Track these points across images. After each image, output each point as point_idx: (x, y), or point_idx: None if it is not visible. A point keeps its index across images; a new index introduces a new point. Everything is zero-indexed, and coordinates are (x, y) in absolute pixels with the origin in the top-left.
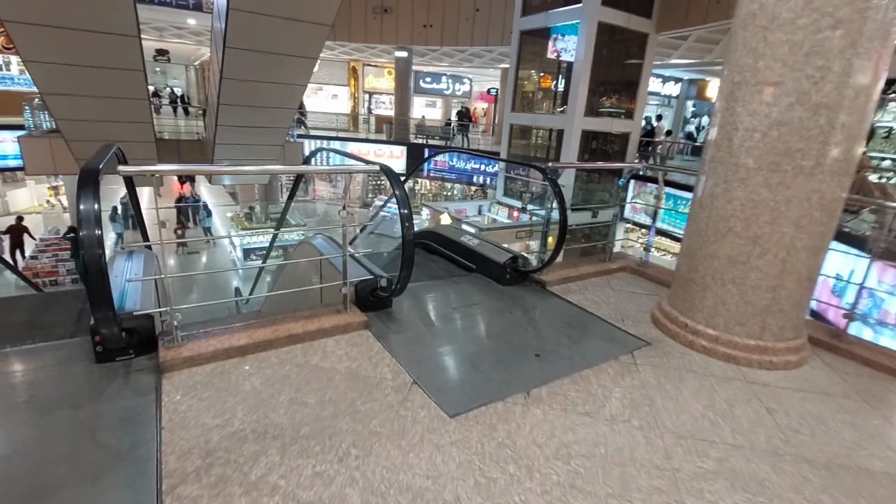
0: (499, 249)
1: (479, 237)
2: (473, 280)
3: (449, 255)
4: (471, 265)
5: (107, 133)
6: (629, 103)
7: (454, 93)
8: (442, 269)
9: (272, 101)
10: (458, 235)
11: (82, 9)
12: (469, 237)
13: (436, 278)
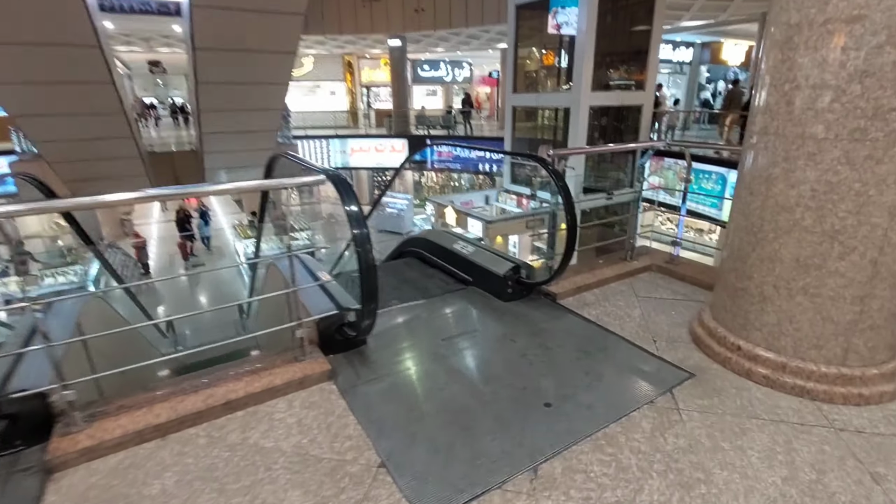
0: (497, 258)
1: (475, 244)
2: (469, 296)
3: (442, 265)
4: (467, 277)
5: (87, 152)
6: (639, 74)
7: (454, 79)
8: (434, 283)
9: (253, 102)
10: (451, 242)
11: (32, 20)
12: (463, 244)
13: (425, 296)
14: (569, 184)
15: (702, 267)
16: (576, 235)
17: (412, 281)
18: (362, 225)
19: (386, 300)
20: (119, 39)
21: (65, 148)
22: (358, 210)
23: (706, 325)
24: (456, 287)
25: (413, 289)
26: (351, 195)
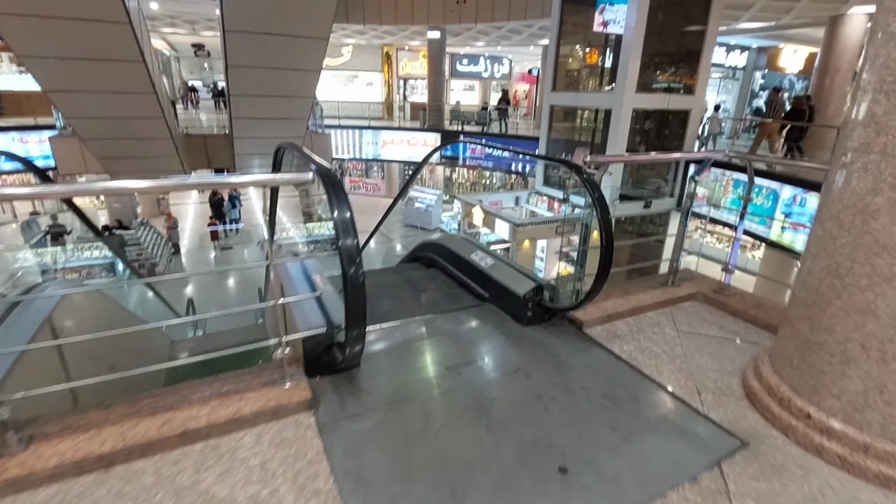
0: (519, 275)
1: (494, 256)
2: (483, 315)
3: (457, 275)
4: (482, 292)
5: (119, 130)
6: (689, 77)
7: (493, 75)
8: (446, 296)
9: (284, 89)
10: (468, 251)
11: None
12: (482, 255)
13: (434, 310)
14: (604, 190)
15: (757, 300)
16: (611, 257)
17: (424, 290)
18: (350, 234)
19: (390, 311)
20: (164, 21)
21: (96, 125)
22: (347, 217)
23: (764, 379)
24: (470, 303)
25: (423, 300)
26: (341, 198)
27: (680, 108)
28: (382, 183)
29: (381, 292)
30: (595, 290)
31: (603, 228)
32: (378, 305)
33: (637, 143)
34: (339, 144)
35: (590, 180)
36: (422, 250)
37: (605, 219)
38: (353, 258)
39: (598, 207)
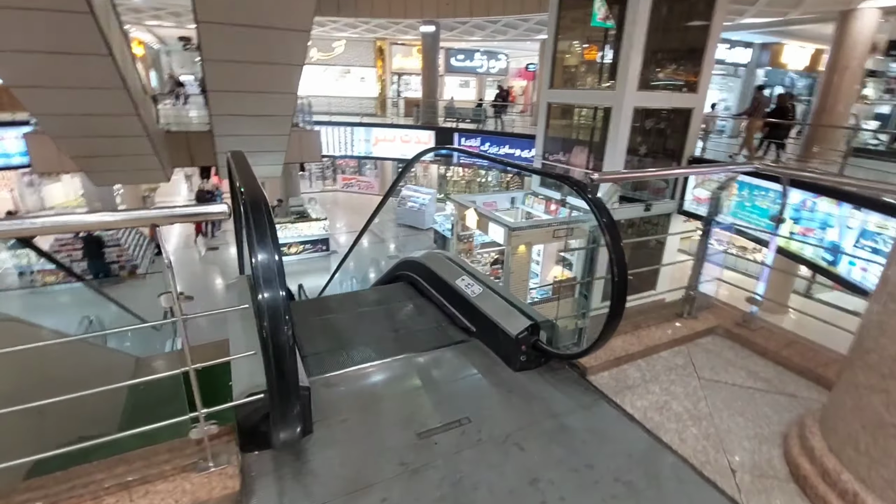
0: (512, 309)
1: (484, 282)
2: (469, 356)
3: (439, 301)
4: (469, 325)
5: (89, 128)
6: (692, 74)
7: (488, 70)
8: (425, 328)
9: (265, 84)
10: (453, 276)
11: None
12: (468, 281)
13: (410, 349)
14: (605, 190)
15: (789, 337)
16: (625, 294)
17: (399, 320)
18: (273, 284)
19: (359, 349)
20: (149, 13)
21: (65, 123)
22: (270, 260)
23: (817, 459)
24: (453, 338)
25: (397, 334)
26: (264, 234)
27: (682, 107)
28: (376, 181)
29: (351, 324)
30: (605, 335)
31: (614, 258)
32: (346, 340)
33: (638, 142)
34: (329, 141)
35: (597, 201)
36: (403, 268)
37: (617, 246)
38: (278, 318)
39: (608, 233)
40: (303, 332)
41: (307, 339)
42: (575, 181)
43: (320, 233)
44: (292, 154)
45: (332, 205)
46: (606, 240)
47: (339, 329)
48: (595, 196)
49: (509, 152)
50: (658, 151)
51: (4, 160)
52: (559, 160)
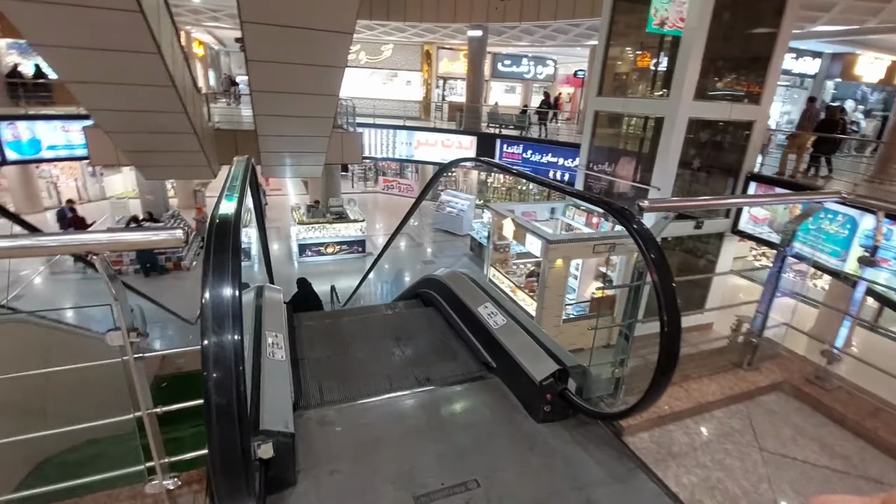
0: (538, 349)
1: (509, 312)
2: (485, 396)
3: (459, 326)
4: (489, 359)
5: (140, 123)
6: (755, 85)
7: (535, 76)
8: (440, 358)
9: (307, 86)
10: (475, 301)
11: None
12: (492, 309)
13: (420, 381)
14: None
15: (876, 404)
16: (677, 349)
17: (414, 345)
18: (225, 327)
19: (364, 379)
20: (207, 15)
21: (117, 118)
22: (222, 295)
23: None
24: (470, 372)
25: (409, 361)
26: (220, 265)
27: (743, 119)
28: (416, 184)
29: (362, 345)
30: (650, 397)
31: (663, 303)
32: (353, 365)
33: (691, 156)
34: (372, 143)
35: (643, 233)
36: (424, 286)
37: (668, 289)
38: (224, 371)
39: (657, 273)
40: (309, 351)
41: (312, 363)
42: (617, 209)
43: (357, 234)
44: (334, 155)
45: (372, 206)
46: (654, 280)
47: (348, 350)
48: (642, 227)
49: (552, 161)
50: (713, 166)
51: (69, 151)
52: (604, 171)
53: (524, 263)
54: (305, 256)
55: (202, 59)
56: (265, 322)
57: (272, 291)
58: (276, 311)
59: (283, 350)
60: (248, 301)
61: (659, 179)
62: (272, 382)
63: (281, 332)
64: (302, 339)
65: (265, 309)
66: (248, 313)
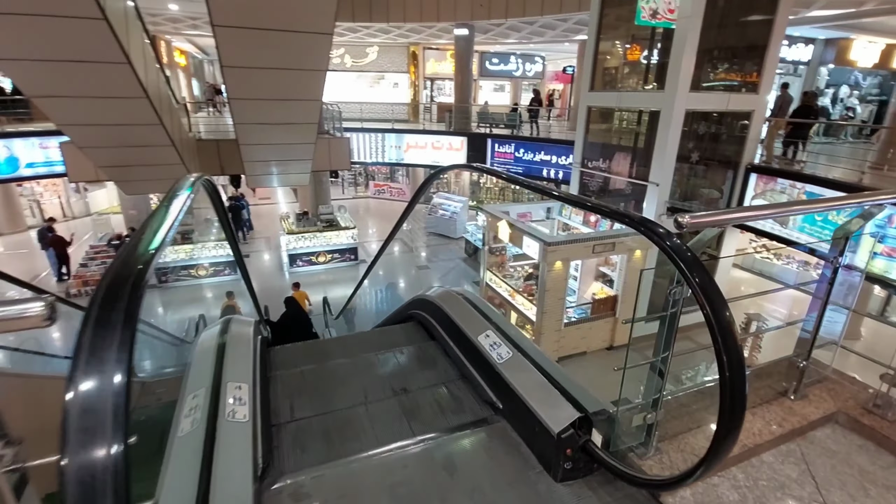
0: (552, 390)
1: (515, 341)
2: (492, 447)
3: (456, 355)
4: (493, 397)
5: (114, 138)
6: (752, 74)
7: (524, 74)
8: (434, 395)
9: (286, 91)
10: (474, 328)
11: None
12: (494, 338)
13: (411, 429)
14: (652, 201)
15: None
16: (743, 404)
17: (404, 380)
18: (97, 438)
19: (346, 427)
20: (186, 23)
21: (89, 133)
22: (99, 386)
23: None
24: (472, 415)
25: (399, 403)
26: (101, 340)
27: (741, 109)
28: (407, 188)
29: (344, 385)
30: (712, 460)
31: (721, 345)
32: (332, 412)
33: (689, 149)
34: (360, 148)
35: (684, 254)
36: (416, 307)
37: (723, 322)
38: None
39: (709, 303)
40: (283, 399)
41: (284, 411)
42: (649, 226)
43: (349, 241)
44: (321, 161)
45: (364, 212)
46: (706, 312)
47: (327, 393)
48: (681, 246)
49: (545, 159)
50: (712, 158)
51: (48, 169)
52: (599, 168)
53: (522, 266)
54: (297, 266)
55: (185, 68)
56: (227, 369)
57: (240, 325)
58: (242, 354)
59: (248, 406)
60: (208, 342)
61: (657, 175)
62: (229, 452)
63: (247, 381)
64: (276, 383)
65: (229, 351)
66: (205, 360)
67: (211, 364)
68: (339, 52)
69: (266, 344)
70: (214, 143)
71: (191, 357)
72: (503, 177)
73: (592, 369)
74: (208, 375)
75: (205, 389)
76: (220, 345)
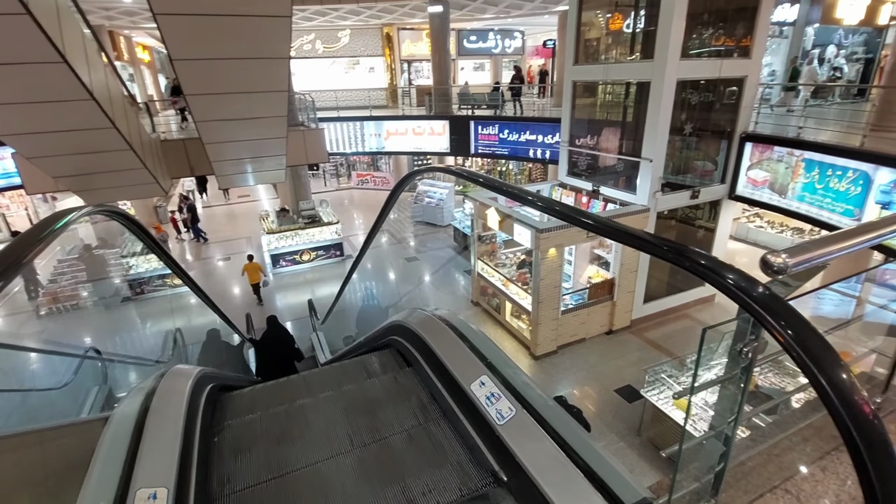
0: (572, 470)
1: (520, 389)
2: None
3: (444, 401)
4: (493, 464)
5: (66, 145)
6: (744, 38)
7: (504, 50)
8: (422, 456)
9: (247, 83)
10: (465, 371)
11: None
12: (492, 390)
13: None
14: (646, 178)
15: None
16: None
17: (383, 434)
18: None
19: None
20: (143, 16)
21: (35, 141)
22: None
23: None
24: (466, 488)
25: (376, 463)
26: None
27: (734, 76)
28: (391, 176)
29: (302, 437)
30: None
31: (872, 472)
32: (288, 477)
33: (682, 120)
34: (339, 138)
35: (788, 316)
36: (395, 334)
37: (863, 421)
38: None
39: (838, 394)
40: (231, 476)
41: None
42: (719, 272)
43: (333, 237)
44: (296, 156)
45: (349, 203)
46: (836, 408)
47: (282, 451)
48: (780, 304)
49: (531, 139)
50: (705, 129)
51: (6, 181)
52: (586, 144)
53: (514, 253)
54: (280, 267)
55: (149, 64)
56: (141, 465)
57: (176, 379)
58: (167, 437)
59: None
60: (121, 422)
61: (649, 150)
62: None
63: (166, 482)
64: (223, 450)
65: (149, 434)
66: (112, 453)
67: (120, 458)
68: (309, 37)
69: (217, 390)
70: (181, 143)
71: (99, 445)
72: (512, 196)
73: (593, 356)
74: (112, 481)
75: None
76: (138, 424)
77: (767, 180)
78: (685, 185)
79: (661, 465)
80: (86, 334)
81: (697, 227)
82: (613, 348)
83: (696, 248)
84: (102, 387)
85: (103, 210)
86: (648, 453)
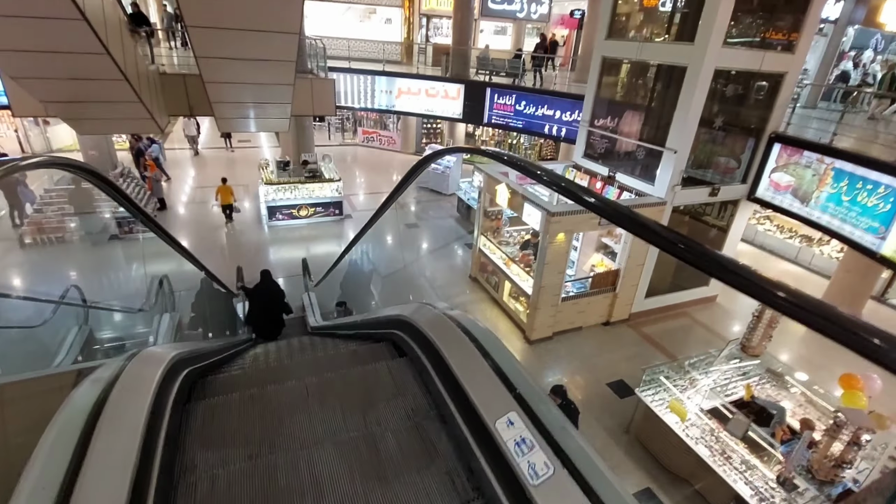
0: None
1: (558, 442)
2: None
3: (458, 425)
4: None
5: (54, 68)
6: (789, 31)
7: (529, 15)
8: (430, 478)
9: (255, 20)
10: (490, 402)
11: None
12: (522, 434)
13: None
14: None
15: None
16: None
17: (381, 448)
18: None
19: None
20: None
21: (19, 60)
22: None
23: None
24: None
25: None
26: None
27: (774, 71)
28: (398, 136)
29: (291, 450)
30: None
31: None
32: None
33: (713, 113)
34: (347, 91)
35: None
36: (401, 329)
37: None
38: None
39: None
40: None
41: None
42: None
43: (333, 195)
44: (302, 105)
45: (352, 160)
46: None
47: (271, 460)
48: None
49: (548, 114)
50: (734, 124)
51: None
52: (606, 126)
53: (518, 232)
54: (276, 220)
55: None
56: (89, 468)
57: (144, 365)
58: (126, 426)
59: None
60: (67, 422)
61: (675, 140)
62: None
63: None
64: (193, 440)
65: (102, 432)
66: (48, 469)
67: (56, 480)
68: None
69: (191, 380)
70: (181, 77)
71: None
72: (509, 162)
73: (588, 347)
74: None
75: None
76: (86, 432)
77: (791, 185)
78: (705, 180)
79: (647, 465)
80: (69, 270)
81: (710, 225)
82: (610, 340)
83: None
84: (83, 327)
85: (56, 163)
86: (635, 452)
